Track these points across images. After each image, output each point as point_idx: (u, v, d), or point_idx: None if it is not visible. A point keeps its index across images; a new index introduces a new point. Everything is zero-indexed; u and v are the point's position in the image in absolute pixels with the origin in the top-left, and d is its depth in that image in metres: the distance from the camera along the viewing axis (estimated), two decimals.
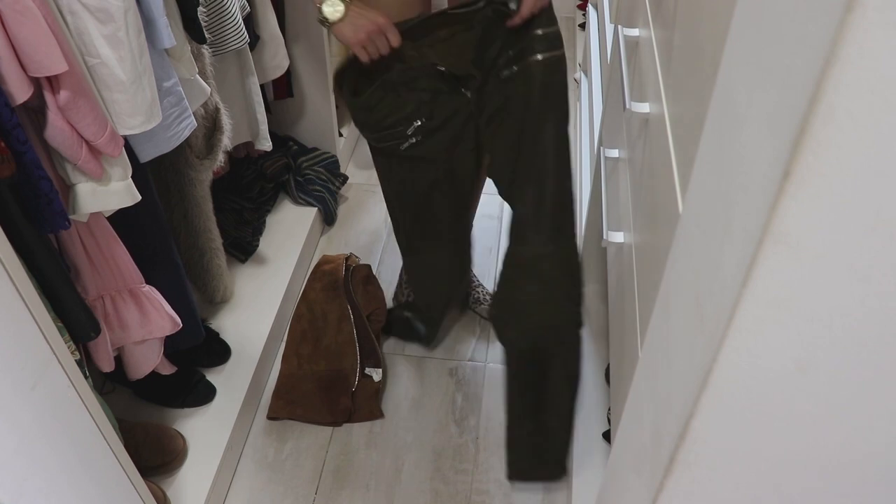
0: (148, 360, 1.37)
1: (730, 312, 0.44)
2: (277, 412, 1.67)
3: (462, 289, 1.82)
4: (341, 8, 1.18)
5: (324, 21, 1.20)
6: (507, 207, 2.25)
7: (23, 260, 0.95)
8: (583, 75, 2.56)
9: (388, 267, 2.06)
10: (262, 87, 1.78)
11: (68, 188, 1.09)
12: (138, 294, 1.28)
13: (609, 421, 1.52)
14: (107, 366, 1.26)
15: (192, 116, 1.30)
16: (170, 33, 1.15)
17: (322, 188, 2.13)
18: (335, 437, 1.65)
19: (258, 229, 1.99)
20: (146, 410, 1.56)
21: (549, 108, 1.31)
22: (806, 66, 0.35)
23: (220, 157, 1.50)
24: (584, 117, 2.35)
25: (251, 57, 1.69)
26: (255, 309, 1.79)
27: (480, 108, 1.33)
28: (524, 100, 1.30)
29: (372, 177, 2.36)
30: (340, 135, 2.32)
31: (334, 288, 1.80)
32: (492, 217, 2.23)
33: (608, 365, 1.62)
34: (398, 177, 1.44)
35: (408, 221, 1.53)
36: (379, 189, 1.56)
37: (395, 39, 1.22)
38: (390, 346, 1.85)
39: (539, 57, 1.27)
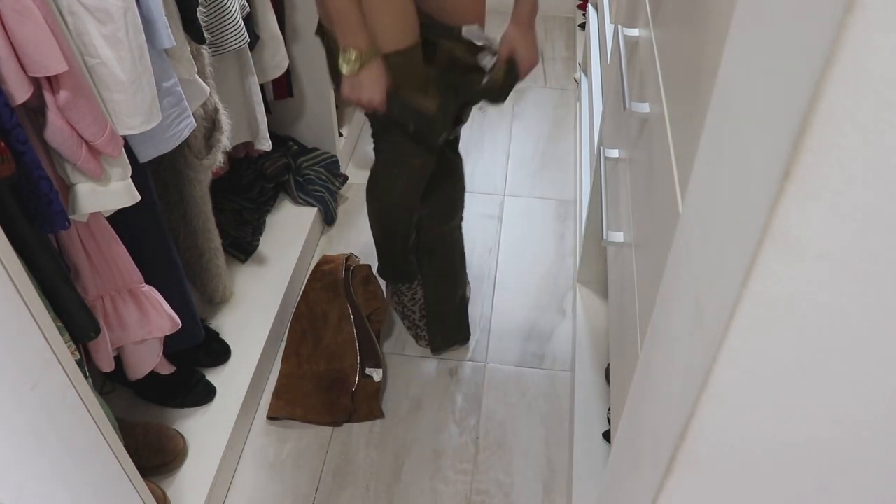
0: (147, 359, 1.37)
1: (730, 312, 0.44)
2: (277, 412, 1.67)
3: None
4: (353, 63, 1.28)
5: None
6: (506, 207, 2.26)
7: (23, 260, 0.95)
8: (583, 75, 2.56)
9: None
10: (261, 87, 1.78)
11: (68, 188, 1.09)
12: (138, 294, 1.28)
13: (609, 421, 1.52)
14: (107, 366, 1.26)
15: (192, 117, 1.30)
16: (169, 34, 1.15)
17: (322, 188, 2.13)
18: (335, 437, 1.65)
19: (258, 229, 1.99)
20: (146, 410, 1.56)
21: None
22: (806, 66, 0.35)
23: (220, 157, 1.50)
24: (584, 117, 2.35)
25: (251, 57, 1.69)
26: (255, 309, 1.79)
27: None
28: None
29: None
30: (340, 135, 2.32)
31: (334, 288, 1.80)
32: (492, 217, 2.23)
33: (608, 365, 1.62)
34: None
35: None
36: None
37: (383, 111, 1.37)
38: (390, 346, 1.85)
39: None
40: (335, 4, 1.24)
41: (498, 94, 1.45)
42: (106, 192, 1.11)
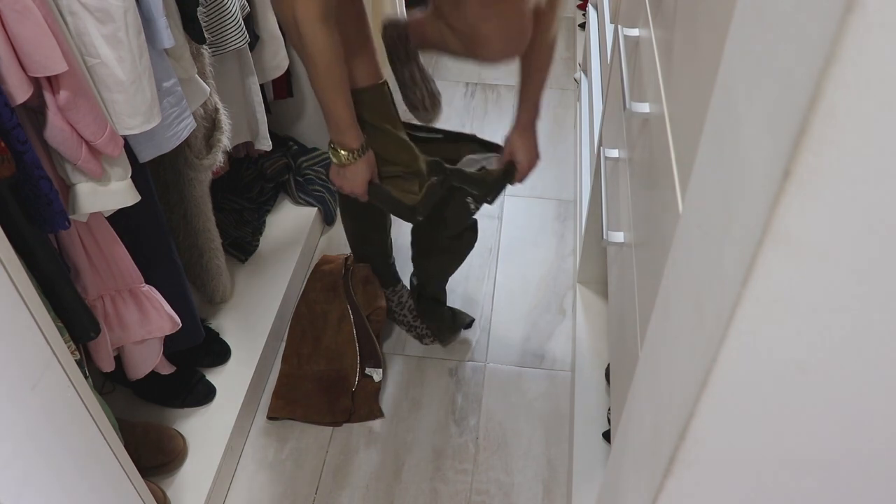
0: (147, 359, 1.37)
1: (730, 312, 0.44)
2: (277, 412, 1.67)
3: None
4: (342, 160, 1.35)
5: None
6: (506, 207, 2.26)
7: (23, 260, 0.95)
8: (583, 75, 2.56)
9: None
10: (262, 87, 1.78)
11: (68, 188, 1.09)
12: (138, 294, 1.28)
13: (609, 421, 1.52)
14: (107, 366, 1.26)
15: (192, 117, 1.30)
16: (169, 33, 1.15)
17: (322, 188, 2.13)
18: (335, 437, 1.65)
19: (258, 229, 1.99)
20: (146, 410, 1.56)
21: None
22: (806, 66, 0.35)
23: (220, 157, 1.50)
24: (584, 117, 2.35)
25: (251, 57, 1.69)
26: (255, 309, 1.79)
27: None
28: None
29: None
30: None
31: (334, 288, 1.80)
32: (492, 217, 2.23)
33: (608, 365, 1.62)
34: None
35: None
36: None
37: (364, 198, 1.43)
38: (390, 346, 1.85)
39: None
40: (327, 103, 1.28)
41: (490, 190, 1.49)
42: (106, 192, 1.11)
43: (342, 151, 1.33)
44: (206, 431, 1.53)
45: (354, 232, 1.77)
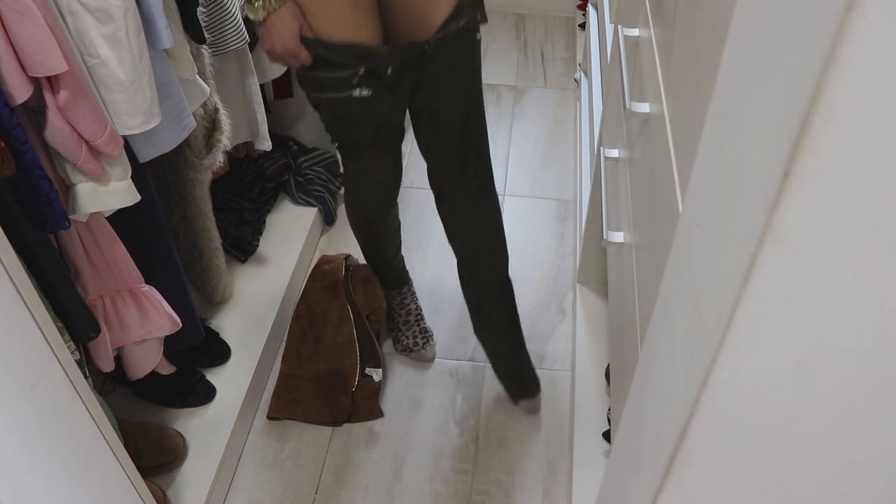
0: (147, 359, 1.37)
1: (730, 312, 0.44)
2: (277, 412, 1.67)
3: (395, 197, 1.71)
4: (261, 13, 1.19)
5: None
6: (506, 207, 2.26)
7: (23, 260, 0.95)
8: (583, 75, 2.56)
9: None
10: (262, 87, 1.78)
11: (68, 188, 1.09)
12: (138, 294, 1.28)
13: (609, 421, 1.52)
14: (107, 366, 1.26)
15: (192, 117, 1.30)
16: (169, 33, 1.15)
17: (322, 188, 2.13)
18: (335, 437, 1.65)
19: (258, 229, 1.99)
20: (146, 410, 1.56)
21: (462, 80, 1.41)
22: (806, 66, 0.35)
23: (220, 157, 1.50)
24: (584, 117, 2.35)
25: (251, 57, 1.69)
26: (255, 309, 1.79)
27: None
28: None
29: None
30: None
31: (334, 288, 1.80)
32: None
33: (608, 365, 1.62)
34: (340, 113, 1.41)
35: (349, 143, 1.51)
36: None
37: (306, 59, 1.24)
38: (390, 346, 1.85)
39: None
40: None
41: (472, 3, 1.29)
42: (106, 192, 1.11)
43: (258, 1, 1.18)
44: (206, 431, 1.53)
45: (354, 224, 1.72)
